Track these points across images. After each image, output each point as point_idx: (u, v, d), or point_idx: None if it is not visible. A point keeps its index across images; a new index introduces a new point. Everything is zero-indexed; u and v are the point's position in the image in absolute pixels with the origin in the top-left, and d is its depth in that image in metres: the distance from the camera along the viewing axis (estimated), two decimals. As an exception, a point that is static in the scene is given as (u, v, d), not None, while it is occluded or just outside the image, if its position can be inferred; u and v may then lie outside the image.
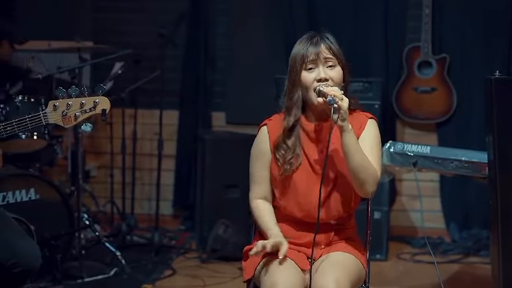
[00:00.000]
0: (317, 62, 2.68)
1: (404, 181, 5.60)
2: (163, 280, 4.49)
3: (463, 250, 5.20)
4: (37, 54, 5.02)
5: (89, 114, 2.89)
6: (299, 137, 2.74)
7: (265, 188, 2.80)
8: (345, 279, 2.55)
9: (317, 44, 2.69)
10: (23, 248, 3.01)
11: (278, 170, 2.73)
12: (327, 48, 2.69)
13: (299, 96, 2.70)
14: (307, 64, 2.68)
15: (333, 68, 2.69)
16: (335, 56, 2.70)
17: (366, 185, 2.63)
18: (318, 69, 2.68)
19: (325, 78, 2.66)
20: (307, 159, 2.73)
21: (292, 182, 2.72)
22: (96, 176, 5.86)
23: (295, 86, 2.70)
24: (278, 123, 2.77)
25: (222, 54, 5.79)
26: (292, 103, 2.72)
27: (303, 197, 2.71)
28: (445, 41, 5.48)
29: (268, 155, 2.77)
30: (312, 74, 2.68)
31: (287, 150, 2.72)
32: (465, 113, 5.45)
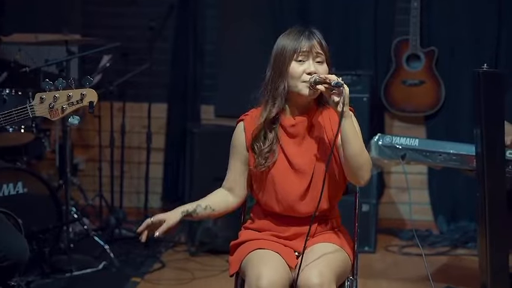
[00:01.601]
0: (309, 55, 2.67)
1: (392, 174, 5.62)
2: (152, 273, 4.49)
3: (451, 242, 5.23)
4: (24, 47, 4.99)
5: (76, 106, 2.88)
6: (277, 132, 2.73)
7: (232, 179, 2.81)
8: (329, 272, 2.55)
9: (310, 37, 2.68)
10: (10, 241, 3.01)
11: (254, 162, 2.74)
12: (319, 43, 2.69)
13: (285, 86, 2.69)
14: (299, 55, 2.67)
15: (321, 64, 2.69)
16: (324, 53, 2.70)
17: (362, 171, 2.62)
18: (308, 62, 2.68)
19: (314, 72, 2.66)
20: (284, 154, 2.72)
21: (270, 177, 2.72)
22: (84, 169, 5.84)
23: (282, 76, 2.69)
24: (255, 119, 2.76)
25: (211, 47, 5.78)
26: (278, 93, 2.70)
27: (281, 192, 2.71)
28: (434, 34, 5.49)
29: (242, 151, 2.78)
30: (302, 67, 2.67)
31: (265, 142, 2.72)
32: (453, 105, 5.47)
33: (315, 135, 2.73)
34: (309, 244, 2.68)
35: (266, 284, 2.50)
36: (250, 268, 2.59)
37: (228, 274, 2.78)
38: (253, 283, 2.52)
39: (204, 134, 5.21)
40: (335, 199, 2.78)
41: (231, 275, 2.76)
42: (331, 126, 2.71)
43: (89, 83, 2.88)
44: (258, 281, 2.50)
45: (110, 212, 5.35)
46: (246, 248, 2.71)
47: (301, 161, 2.71)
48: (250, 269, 2.59)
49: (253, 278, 2.53)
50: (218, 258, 4.70)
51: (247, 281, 2.56)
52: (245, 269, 2.64)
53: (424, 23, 5.43)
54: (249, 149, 2.76)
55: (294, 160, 2.71)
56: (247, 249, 2.69)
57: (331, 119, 2.71)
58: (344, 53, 5.45)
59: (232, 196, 2.82)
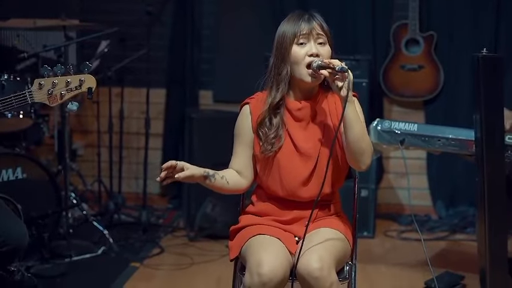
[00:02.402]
0: (309, 37, 2.67)
1: (391, 159, 5.62)
2: (151, 258, 4.50)
3: (450, 227, 5.24)
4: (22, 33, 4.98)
5: (75, 92, 2.88)
6: (283, 117, 2.73)
7: (240, 162, 2.80)
8: (330, 257, 2.55)
9: (310, 20, 2.68)
10: (10, 227, 3.01)
11: (259, 148, 2.73)
12: (319, 25, 2.69)
13: (287, 71, 2.69)
14: (299, 38, 2.67)
15: (323, 46, 2.69)
16: (325, 34, 2.69)
17: (363, 156, 2.63)
18: (310, 44, 2.67)
19: (316, 53, 2.66)
20: (290, 138, 2.72)
21: (276, 161, 2.72)
22: (83, 154, 5.84)
23: (284, 61, 2.69)
24: (261, 102, 2.76)
25: (209, 32, 5.76)
26: (281, 78, 2.70)
27: (285, 177, 2.72)
28: (433, 19, 5.47)
29: (249, 134, 2.77)
30: (303, 49, 2.67)
31: (270, 128, 2.72)
32: (452, 90, 5.46)
33: (320, 120, 2.72)
34: (309, 229, 2.69)
35: (267, 271, 2.50)
36: (250, 254, 2.60)
37: (228, 259, 2.78)
38: (254, 270, 2.52)
39: (202, 119, 5.20)
40: (337, 184, 2.79)
41: (231, 260, 2.77)
42: (336, 111, 2.71)
43: (87, 69, 2.87)
44: (259, 268, 2.50)
45: (109, 197, 5.36)
46: (246, 233, 2.71)
47: (306, 145, 2.71)
48: (251, 255, 2.59)
49: (254, 264, 2.53)
50: (217, 243, 4.71)
51: (248, 267, 2.57)
52: (245, 254, 2.64)
53: (423, 7, 5.41)
54: (255, 132, 2.75)
55: (300, 144, 2.71)
56: (248, 235, 2.69)
57: (336, 103, 2.72)
58: (343, 37, 5.43)
59: (241, 177, 2.81)
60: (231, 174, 2.78)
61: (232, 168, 2.81)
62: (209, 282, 4.13)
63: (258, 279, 2.50)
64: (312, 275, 2.50)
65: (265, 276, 2.49)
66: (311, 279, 2.50)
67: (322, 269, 2.49)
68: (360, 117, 2.65)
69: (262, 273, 2.49)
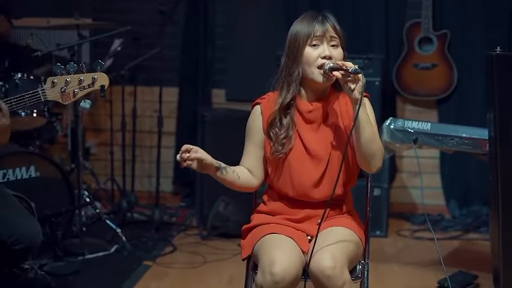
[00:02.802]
0: (323, 39, 2.66)
1: (404, 158, 5.60)
2: (163, 257, 4.51)
3: (463, 227, 5.22)
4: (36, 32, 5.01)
5: (88, 90, 2.88)
6: (293, 118, 2.73)
7: (250, 161, 2.80)
8: (342, 256, 2.55)
9: (323, 22, 2.68)
10: (23, 225, 3.02)
11: (270, 149, 2.73)
12: (333, 27, 2.68)
13: (299, 72, 2.69)
14: (313, 40, 2.66)
15: (336, 48, 2.68)
16: (339, 37, 2.69)
17: (374, 158, 2.63)
18: (323, 46, 2.67)
19: (329, 56, 2.65)
20: (301, 140, 2.72)
21: (286, 162, 2.72)
22: (96, 153, 5.87)
23: (296, 62, 2.69)
24: (272, 102, 2.76)
25: (222, 31, 5.77)
26: (292, 79, 2.70)
27: (296, 178, 2.71)
28: (446, 17, 5.45)
29: (260, 135, 2.77)
30: (316, 51, 2.66)
31: (281, 128, 2.72)
32: (466, 89, 5.44)
33: (331, 122, 2.72)
34: (321, 228, 2.68)
35: (280, 270, 2.49)
36: (263, 253, 2.59)
37: (240, 258, 2.78)
38: (267, 269, 2.51)
39: (215, 118, 5.20)
40: (349, 185, 2.78)
41: (243, 258, 2.77)
42: (347, 112, 2.71)
43: (100, 67, 2.88)
44: (272, 267, 2.50)
45: (122, 196, 5.37)
46: (258, 232, 2.71)
47: (317, 147, 2.71)
48: (263, 254, 2.59)
49: (266, 263, 2.53)
50: (229, 242, 4.71)
51: (261, 266, 2.56)
52: (258, 253, 2.64)
53: (436, 5, 5.39)
54: (266, 133, 2.75)
55: (311, 146, 2.71)
56: (260, 234, 2.69)
57: (347, 104, 2.71)
58: (356, 36, 5.42)
59: (252, 176, 2.81)
60: (243, 171, 2.79)
61: (243, 166, 2.81)
62: (221, 280, 4.13)
63: (271, 278, 2.50)
64: (324, 274, 2.49)
65: (278, 275, 2.49)
66: (324, 278, 2.50)
67: (334, 268, 2.49)
68: (371, 119, 2.65)
69: (275, 272, 2.49)
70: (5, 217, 3.00)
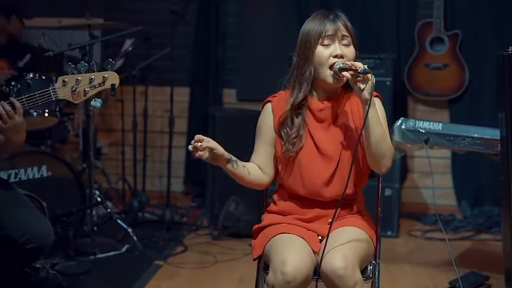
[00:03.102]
0: (334, 38, 2.65)
1: (415, 158, 5.59)
2: (174, 256, 4.51)
3: (475, 227, 5.20)
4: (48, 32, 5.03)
5: (99, 89, 2.89)
6: (304, 117, 2.73)
7: (260, 159, 2.80)
8: (354, 256, 2.54)
9: (335, 20, 2.67)
10: (35, 224, 3.03)
11: (281, 148, 2.73)
12: (344, 25, 2.67)
13: (311, 72, 2.68)
14: (324, 39, 2.65)
15: (348, 47, 2.68)
16: (350, 35, 2.68)
17: (385, 158, 2.63)
18: (334, 45, 2.66)
19: (341, 55, 2.64)
20: (312, 138, 2.71)
21: (297, 161, 2.72)
22: (107, 153, 5.88)
23: (308, 61, 2.68)
24: (283, 101, 2.76)
25: (233, 31, 5.77)
26: (303, 79, 2.70)
27: (307, 176, 2.71)
28: (457, 17, 5.43)
29: (271, 133, 2.77)
30: (328, 50, 2.65)
31: (292, 128, 2.71)
32: (477, 89, 5.42)
33: (342, 121, 2.72)
34: (332, 228, 2.68)
35: (291, 269, 2.49)
36: (274, 253, 2.59)
37: (251, 258, 2.78)
38: (278, 268, 2.51)
39: (226, 117, 5.21)
40: (360, 184, 2.77)
41: (254, 258, 2.77)
42: (358, 112, 2.70)
43: (110, 66, 2.89)
44: (283, 267, 2.50)
45: (133, 196, 5.38)
46: (269, 232, 2.71)
47: (328, 146, 2.70)
48: (275, 253, 2.59)
49: (278, 263, 2.53)
50: (240, 242, 4.71)
51: (272, 266, 2.56)
52: (269, 253, 2.63)
53: (448, 5, 5.37)
54: (277, 131, 2.75)
55: (321, 145, 2.71)
56: (271, 233, 2.69)
57: (358, 104, 2.70)
58: (367, 36, 5.41)
59: (263, 173, 2.81)
60: (254, 168, 2.79)
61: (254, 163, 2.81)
62: (232, 280, 4.13)
63: (282, 278, 2.50)
64: (336, 274, 2.49)
65: (289, 275, 2.49)
66: (335, 278, 2.49)
67: (346, 268, 2.49)
68: (381, 119, 2.64)
69: (286, 271, 2.49)
70: (16, 216, 3.01)
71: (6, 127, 2.87)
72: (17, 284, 3.32)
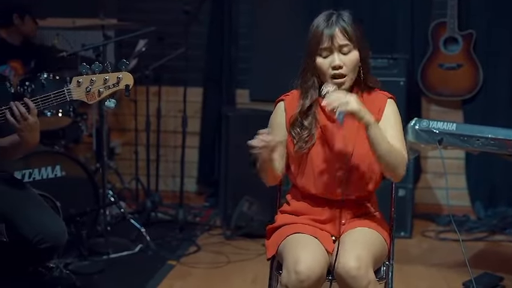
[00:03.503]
0: (331, 49, 2.65)
1: (429, 158, 5.57)
2: (188, 256, 4.52)
3: (489, 228, 5.18)
4: (62, 32, 5.04)
5: (113, 90, 2.90)
6: (316, 116, 2.72)
7: None
8: (367, 256, 2.54)
9: (332, 26, 2.64)
10: (49, 224, 3.04)
11: (293, 147, 2.73)
12: (342, 32, 2.64)
13: (314, 81, 2.69)
14: (322, 51, 2.65)
15: (348, 54, 2.66)
16: (350, 41, 2.65)
17: (397, 169, 2.63)
18: (333, 55, 2.65)
19: (339, 65, 2.63)
20: (324, 137, 2.71)
21: (309, 159, 2.72)
22: (120, 153, 5.90)
23: (310, 70, 2.69)
24: (295, 100, 2.76)
25: (246, 31, 5.77)
26: (308, 87, 2.71)
27: (319, 175, 2.71)
28: (472, 17, 5.41)
29: (283, 130, 2.76)
30: (327, 60, 2.65)
31: (303, 128, 2.71)
32: (491, 89, 5.40)
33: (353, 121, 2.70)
34: (346, 229, 2.69)
35: (304, 269, 2.49)
36: (287, 252, 2.60)
37: (265, 258, 2.78)
38: (291, 267, 2.52)
39: (239, 117, 5.21)
40: (373, 185, 2.76)
41: (268, 258, 2.77)
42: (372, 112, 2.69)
43: (125, 67, 2.90)
44: (296, 266, 2.50)
45: (146, 196, 5.39)
46: (283, 232, 2.71)
47: (340, 144, 2.70)
48: (288, 253, 2.59)
49: (291, 262, 2.54)
50: (253, 242, 4.72)
51: (285, 266, 2.56)
52: (282, 253, 2.64)
53: (462, 5, 5.35)
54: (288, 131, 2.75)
55: (333, 144, 2.70)
56: (285, 233, 2.69)
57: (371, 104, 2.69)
58: (380, 36, 5.40)
59: None
60: None
61: None
62: (245, 280, 4.13)
63: (295, 277, 2.50)
64: (349, 274, 2.49)
65: (303, 274, 2.49)
66: (349, 278, 2.49)
67: (359, 268, 2.48)
68: (394, 123, 2.67)
69: (300, 271, 2.49)
70: (31, 216, 3.02)
71: (20, 127, 2.88)
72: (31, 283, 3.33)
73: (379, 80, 2.80)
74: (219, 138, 5.61)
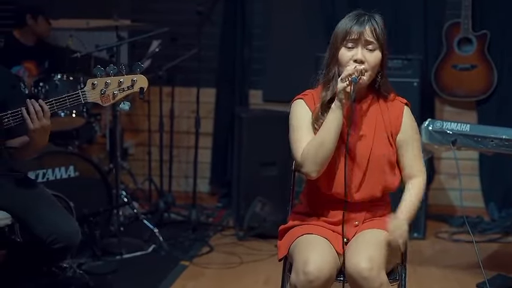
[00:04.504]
0: (358, 42, 2.64)
1: (443, 159, 5.55)
2: (200, 257, 4.52)
3: (502, 229, 5.15)
4: (76, 33, 5.06)
5: (127, 92, 2.91)
6: None
7: None
8: (379, 258, 2.54)
9: (362, 23, 2.65)
10: (62, 224, 3.06)
11: None
12: (371, 30, 2.65)
13: (335, 72, 2.68)
14: (348, 42, 2.65)
15: (372, 52, 2.65)
16: (377, 40, 2.65)
17: None
18: (357, 49, 2.65)
19: (361, 60, 2.63)
20: (342, 138, 2.68)
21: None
22: (134, 153, 5.91)
23: (333, 61, 2.68)
24: (315, 97, 2.73)
25: (259, 31, 5.77)
26: (329, 78, 2.70)
27: (335, 175, 2.68)
28: (486, 17, 5.38)
29: (310, 122, 2.70)
30: (350, 53, 2.64)
31: None
32: (506, 90, 5.37)
33: (371, 124, 2.70)
34: (359, 230, 2.68)
35: (313, 269, 2.50)
36: (297, 253, 2.60)
37: (277, 258, 2.78)
38: (301, 268, 2.52)
39: (252, 118, 5.21)
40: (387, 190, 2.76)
41: (280, 259, 2.77)
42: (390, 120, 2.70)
43: (139, 69, 2.90)
44: (305, 266, 2.51)
45: (159, 196, 5.40)
46: (294, 232, 2.71)
47: (357, 147, 2.69)
48: (298, 253, 2.59)
49: (300, 263, 2.54)
50: (266, 242, 4.71)
51: (295, 266, 2.57)
52: (293, 253, 2.64)
53: (476, 5, 5.33)
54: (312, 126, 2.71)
55: (352, 146, 2.69)
56: (296, 234, 2.69)
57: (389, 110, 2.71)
58: (394, 37, 5.37)
59: None
60: None
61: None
62: (258, 281, 4.13)
63: (304, 278, 2.50)
64: (361, 275, 2.49)
65: (312, 275, 2.49)
66: (360, 280, 2.49)
67: (371, 270, 2.48)
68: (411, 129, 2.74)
69: (309, 271, 2.49)
70: (44, 216, 3.04)
71: (34, 128, 2.90)
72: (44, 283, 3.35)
73: (393, 80, 2.80)
74: (232, 139, 5.62)
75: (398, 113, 2.73)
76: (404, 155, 2.74)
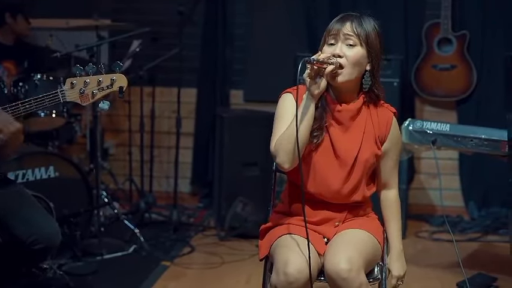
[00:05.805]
0: (337, 37, 2.64)
1: (423, 159, 5.58)
2: (181, 257, 4.52)
3: (482, 228, 5.19)
4: (55, 33, 5.03)
5: (106, 91, 2.89)
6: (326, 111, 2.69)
7: None
8: (358, 258, 2.54)
9: (344, 21, 2.65)
10: (42, 225, 3.04)
11: None
12: (351, 25, 2.64)
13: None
14: (329, 38, 2.65)
15: (352, 48, 2.65)
16: (357, 36, 2.64)
17: None
18: (337, 45, 2.65)
19: (338, 54, 2.62)
20: (329, 138, 2.68)
21: (313, 161, 2.68)
22: (114, 153, 5.89)
23: None
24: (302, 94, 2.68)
25: (240, 32, 5.77)
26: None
27: (320, 176, 2.68)
28: (466, 18, 5.42)
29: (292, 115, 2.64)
30: (331, 49, 2.64)
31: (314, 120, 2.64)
32: (485, 90, 5.40)
33: (359, 126, 2.69)
34: (339, 230, 2.68)
35: (293, 270, 2.50)
36: (278, 253, 2.60)
37: (258, 258, 2.78)
38: (281, 269, 2.52)
39: (233, 118, 5.20)
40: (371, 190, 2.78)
41: (261, 259, 2.77)
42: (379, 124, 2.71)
43: (118, 68, 2.89)
44: (286, 267, 2.51)
45: (140, 196, 5.39)
46: (275, 232, 2.71)
47: (344, 148, 2.67)
48: (278, 254, 2.59)
49: (281, 263, 2.54)
50: (247, 242, 4.72)
51: (275, 267, 2.57)
52: (274, 253, 2.64)
53: (455, 6, 5.36)
54: None
55: (338, 146, 2.68)
56: (277, 234, 2.69)
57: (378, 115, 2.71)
58: (374, 37, 5.39)
59: None
60: None
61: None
62: (239, 281, 4.13)
63: (284, 279, 2.50)
64: (340, 276, 2.49)
65: (292, 276, 2.49)
66: (340, 280, 2.49)
67: (350, 270, 2.48)
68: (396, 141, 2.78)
69: (289, 272, 2.49)
70: (24, 217, 3.02)
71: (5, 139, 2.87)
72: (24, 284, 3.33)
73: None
74: (213, 139, 5.61)
75: (387, 121, 2.73)
76: (386, 165, 2.76)
